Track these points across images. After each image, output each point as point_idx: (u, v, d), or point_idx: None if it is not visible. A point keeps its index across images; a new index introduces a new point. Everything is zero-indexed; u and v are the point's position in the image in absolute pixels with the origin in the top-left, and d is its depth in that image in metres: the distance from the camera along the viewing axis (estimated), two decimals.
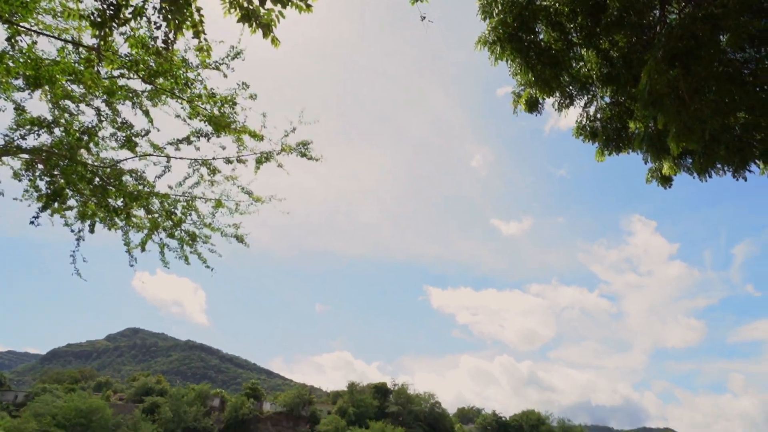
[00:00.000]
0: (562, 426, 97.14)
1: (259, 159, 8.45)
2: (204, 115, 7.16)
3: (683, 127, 5.99)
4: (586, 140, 8.32)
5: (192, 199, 8.69)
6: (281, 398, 77.30)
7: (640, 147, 7.33)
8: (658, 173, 9.10)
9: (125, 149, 7.61)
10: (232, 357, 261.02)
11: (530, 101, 7.55)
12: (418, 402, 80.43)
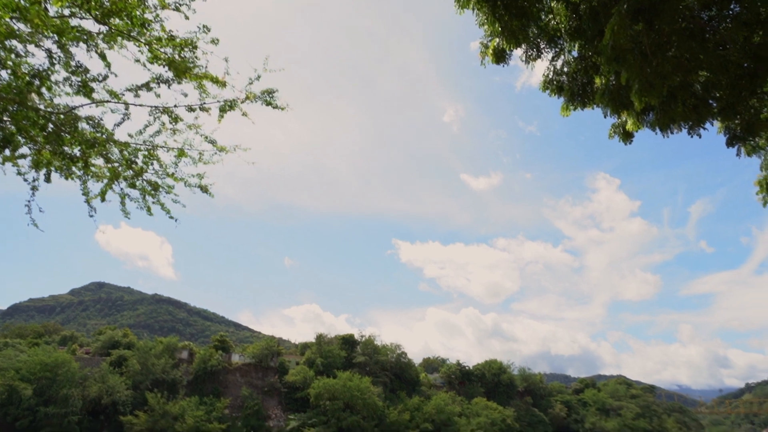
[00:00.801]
0: (522, 374, 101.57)
1: (222, 107, 8.23)
2: (163, 59, 6.88)
3: (645, 83, 6.09)
4: (553, 94, 8.38)
5: (153, 148, 8.44)
6: (250, 350, 78.19)
7: (602, 101, 7.43)
8: (621, 129, 9.28)
9: (81, 95, 7.28)
10: (200, 310, 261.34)
11: (497, 52, 7.51)
12: (385, 353, 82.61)
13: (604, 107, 7.63)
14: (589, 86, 8.27)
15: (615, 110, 7.66)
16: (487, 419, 79.18)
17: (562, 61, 8.59)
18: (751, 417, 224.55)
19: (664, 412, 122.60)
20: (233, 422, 66.57)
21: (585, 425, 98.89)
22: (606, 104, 7.49)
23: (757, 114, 9.03)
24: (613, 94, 7.06)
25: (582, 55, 8.47)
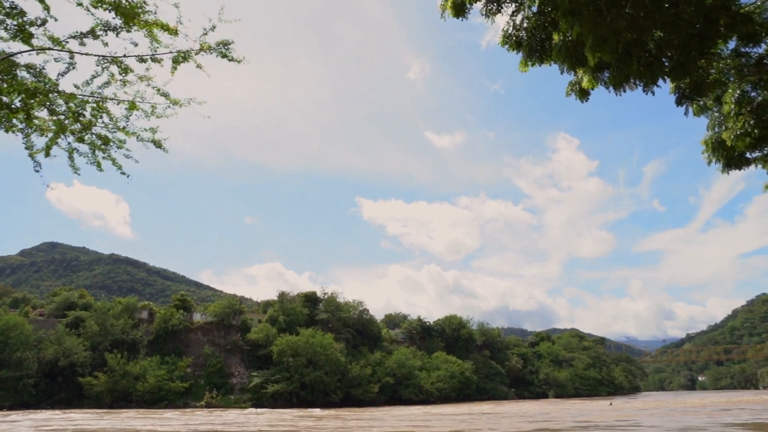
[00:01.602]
0: (481, 329, 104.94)
1: (175, 58, 7.90)
2: (108, 2, 6.51)
3: (599, 39, 6.17)
4: (512, 49, 8.39)
5: (102, 101, 8.08)
6: (211, 309, 77.89)
7: (559, 58, 7.50)
8: (577, 86, 9.40)
9: (18, 41, 6.85)
10: (159, 270, 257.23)
11: (456, 4, 7.42)
12: (347, 309, 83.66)
13: (561, 63, 7.70)
14: (548, 42, 8.31)
15: (571, 66, 7.75)
16: (447, 372, 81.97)
17: (522, 16, 8.56)
18: (690, 364, 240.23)
19: (612, 362, 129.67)
20: (196, 381, 66.85)
21: (539, 376, 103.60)
22: (562, 60, 7.55)
23: (706, 75, 9.31)
24: (569, 50, 7.13)
25: (541, 11, 8.46)
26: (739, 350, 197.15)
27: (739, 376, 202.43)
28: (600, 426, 21.31)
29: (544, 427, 20.78)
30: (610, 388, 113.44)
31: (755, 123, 9.65)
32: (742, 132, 9.74)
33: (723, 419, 24.12)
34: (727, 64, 9.84)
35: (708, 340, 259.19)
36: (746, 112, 9.83)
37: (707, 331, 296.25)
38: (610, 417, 27.65)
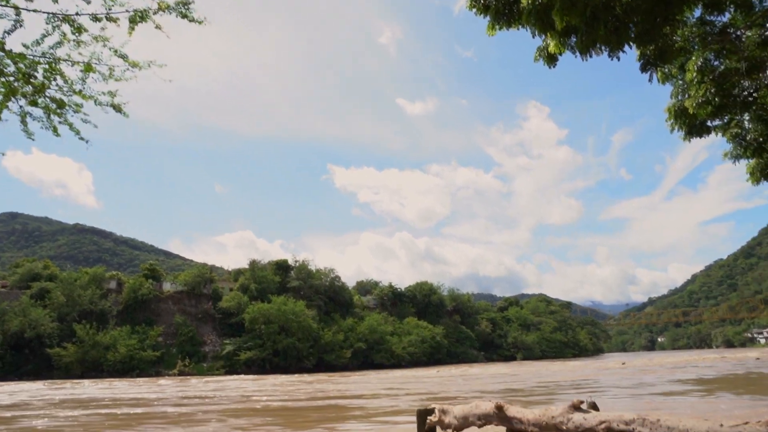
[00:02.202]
0: (451, 294, 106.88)
1: (132, 18, 7.53)
2: None
3: (567, 1, 6.13)
4: (479, 13, 8.27)
5: (55, 62, 7.69)
6: (182, 278, 77.16)
7: (528, 21, 7.44)
8: (545, 51, 9.38)
9: None
10: (127, 239, 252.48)
11: None
12: (319, 277, 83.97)
13: (531, 27, 7.64)
14: (516, 5, 8.21)
15: (540, 30, 7.70)
16: (418, 337, 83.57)
17: None
18: (651, 326, 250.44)
19: (578, 326, 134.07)
20: (168, 349, 66.69)
21: (508, 339, 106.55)
22: (531, 24, 7.49)
23: (671, 42, 9.38)
24: (539, 14, 7.07)
25: None
26: (696, 313, 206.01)
27: (695, 336, 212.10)
28: (562, 385, 22.14)
29: (509, 387, 21.51)
30: (575, 350, 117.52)
31: (716, 91, 9.81)
32: (703, 100, 9.90)
33: (675, 376, 25.36)
34: (692, 32, 9.92)
35: (668, 303, 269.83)
36: (708, 80, 9.97)
37: (668, 295, 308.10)
38: (572, 377, 28.75)
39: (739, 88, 10.39)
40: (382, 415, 13.18)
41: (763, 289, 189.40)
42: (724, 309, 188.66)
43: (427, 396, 18.82)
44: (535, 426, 6.30)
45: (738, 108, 10.31)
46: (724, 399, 14.27)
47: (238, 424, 12.32)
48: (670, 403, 13.98)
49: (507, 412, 6.78)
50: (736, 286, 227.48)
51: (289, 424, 11.98)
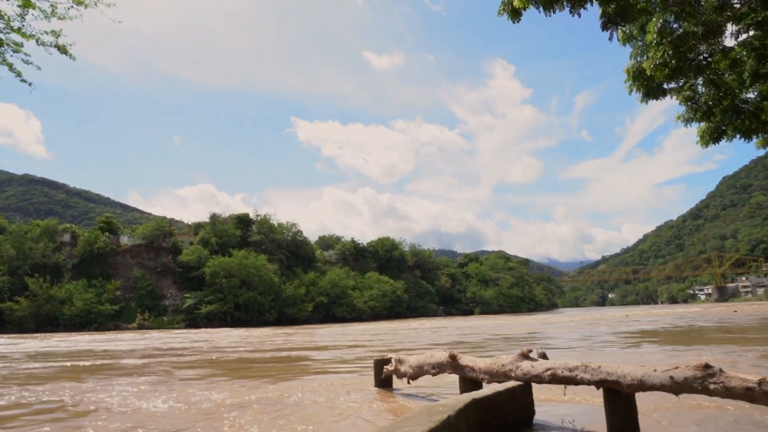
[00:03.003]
0: (413, 250, 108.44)
1: None
2: None
3: None
4: None
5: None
6: (139, 231, 75.56)
7: None
8: (509, 6, 9.31)
9: None
10: (80, 191, 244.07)
11: None
12: (281, 231, 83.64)
13: None
14: None
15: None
16: (379, 291, 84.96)
17: None
18: (603, 283, 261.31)
19: (534, 282, 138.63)
20: (126, 303, 65.88)
21: (467, 294, 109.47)
22: None
23: (633, 1, 9.44)
24: None
25: None
26: (645, 270, 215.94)
27: (642, 293, 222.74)
28: (515, 337, 23.07)
29: (465, 340, 22.29)
30: (531, 305, 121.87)
31: (673, 54, 9.98)
32: (660, 62, 10.07)
33: (618, 329, 26.80)
34: None
35: (620, 261, 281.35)
36: (666, 42, 10.12)
37: (620, 254, 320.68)
38: (526, 330, 29.95)
39: (696, 52, 10.60)
40: (340, 365, 13.51)
41: (707, 249, 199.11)
42: (671, 267, 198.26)
43: (386, 348, 19.34)
44: (486, 374, 6.60)
45: (692, 72, 10.55)
46: (653, 349, 15.22)
47: (184, 375, 12.43)
48: (606, 352, 14.82)
49: (460, 361, 7.06)
50: (683, 246, 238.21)
51: (238, 374, 12.14)
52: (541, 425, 5.88)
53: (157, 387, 10.23)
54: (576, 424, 5.80)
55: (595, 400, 6.57)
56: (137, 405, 8.03)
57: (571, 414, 6.35)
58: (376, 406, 7.48)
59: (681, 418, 6.06)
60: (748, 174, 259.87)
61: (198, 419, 6.82)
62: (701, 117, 10.64)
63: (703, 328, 26.52)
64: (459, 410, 4.72)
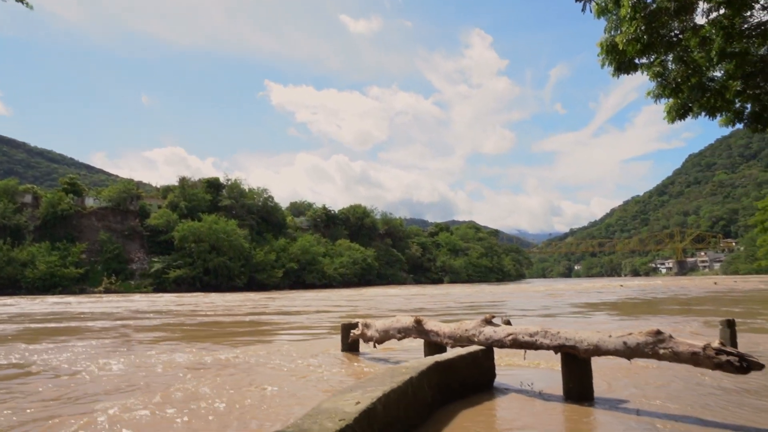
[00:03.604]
0: (384, 218, 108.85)
1: None
2: None
3: None
4: None
5: None
6: (105, 193, 73.69)
7: None
8: None
9: None
10: (42, 151, 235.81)
11: None
12: (252, 196, 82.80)
13: None
14: None
15: None
16: (350, 259, 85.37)
17: None
18: (569, 255, 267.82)
19: (503, 252, 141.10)
20: (92, 267, 64.71)
21: (437, 263, 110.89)
22: None
23: None
24: None
25: None
26: (610, 244, 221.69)
27: (607, 265, 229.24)
28: (482, 305, 23.59)
29: (432, 306, 22.70)
30: (499, 275, 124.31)
31: (646, 29, 10.06)
32: (633, 37, 10.14)
33: (578, 300, 27.69)
34: None
35: (587, 234, 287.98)
36: (640, 17, 10.18)
37: (587, 227, 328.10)
38: (492, 299, 30.66)
39: (668, 28, 10.70)
40: (308, 330, 13.64)
41: (671, 225, 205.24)
42: (635, 241, 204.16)
43: (354, 314, 19.57)
44: (450, 338, 6.76)
45: (663, 48, 10.66)
46: (610, 318, 15.82)
47: (145, 337, 12.40)
48: (563, 320, 15.36)
49: (425, 326, 7.21)
50: (648, 221, 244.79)
51: (201, 338, 12.16)
52: (501, 388, 6.09)
53: (115, 349, 10.17)
54: (534, 387, 6.02)
55: (555, 365, 6.82)
56: (87, 367, 7.99)
57: (531, 378, 6.59)
58: (341, 369, 7.62)
59: (633, 381, 6.35)
60: (713, 153, 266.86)
61: (148, 381, 6.83)
62: (669, 93, 10.81)
63: (667, 299, 27.59)
64: (421, 372, 4.84)
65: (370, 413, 3.52)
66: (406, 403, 4.29)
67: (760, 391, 5.86)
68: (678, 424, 4.57)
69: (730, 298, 27.19)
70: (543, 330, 5.71)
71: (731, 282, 57.98)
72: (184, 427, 4.68)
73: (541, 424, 4.64)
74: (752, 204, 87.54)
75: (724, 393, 5.76)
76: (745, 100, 11.80)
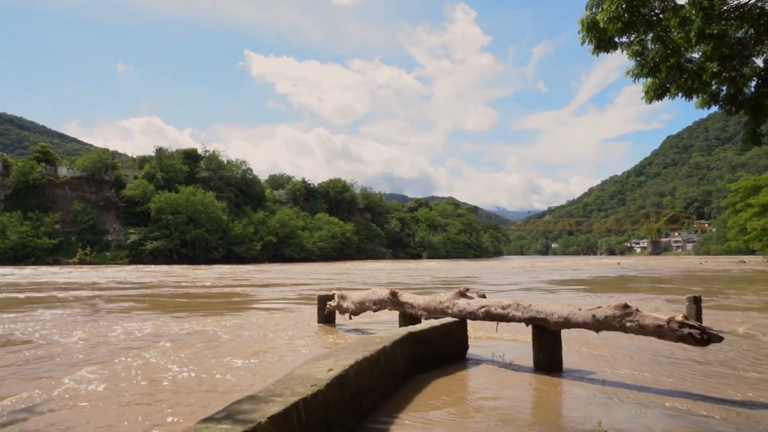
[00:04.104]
0: (364, 193, 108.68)
1: None
2: None
3: None
4: None
5: None
6: (80, 162, 71.91)
7: None
8: None
9: None
10: (12, 117, 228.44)
11: None
12: (230, 168, 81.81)
13: None
14: None
15: None
16: (329, 233, 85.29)
17: None
18: (547, 233, 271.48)
19: (482, 229, 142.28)
20: (66, 237, 63.58)
21: (416, 239, 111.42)
22: None
23: None
24: None
25: None
26: (587, 223, 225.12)
27: (583, 244, 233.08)
28: (455, 280, 23.89)
29: (409, 281, 22.93)
30: (477, 251, 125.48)
31: (626, 7, 10.06)
32: (614, 15, 10.13)
33: (550, 276, 28.21)
34: None
35: (565, 213, 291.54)
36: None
37: (565, 206, 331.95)
38: (469, 274, 31.05)
39: (649, 7, 10.72)
40: (285, 302, 13.68)
41: (647, 205, 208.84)
42: (612, 221, 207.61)
43: (332, 287, 19.66)
44: (424, 310, 6.85)
45: (643, 27, 10.68)
46: (579, 294, 16.20)
47: (115, 308, 12.33)
48: (536, 295, 15.71)
49: (400, 298, 7.29)
50: (625, 201, 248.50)
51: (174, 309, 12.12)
52: (474, 359, 6.22)
53: (81, 319, 10.10)
54: (506, 358, 6.16)
55: (526, 338, 6.97)
56: (46, 336, 7.92)
57: (503, 350, 6.73)
58: (316, 339, 7.68)
59: (601, 353, 6.54)
60: (690, 135, 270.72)
61: (109, 350, 6.80)
62: (647, 73, 10.87)
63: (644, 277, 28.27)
64: (394, 342, 4.91)
65: (341, 380, 3.57)
66: (378, 372, 4.36)
67: (726, 362, 6.09)
68: (641, 393, 4.73)
69: (698, 277, 27.98)
70: (515, 303, 5.82)
71: (700, 262, 59.57)
72: (140, 398, 4.69)
73: (511, 393, 4.76)
74: (726, 186, 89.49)
75: (690, 364, 5.97)
76: (720, 83, 11.94)
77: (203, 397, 4.57)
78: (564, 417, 4.10)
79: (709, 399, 4.54)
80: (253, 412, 2.69)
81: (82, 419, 4.00)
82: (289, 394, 3.03)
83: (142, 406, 4.30)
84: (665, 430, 3.72)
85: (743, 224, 47.88)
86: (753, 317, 10.30)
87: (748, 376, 5.43)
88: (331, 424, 3.26)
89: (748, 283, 22.24)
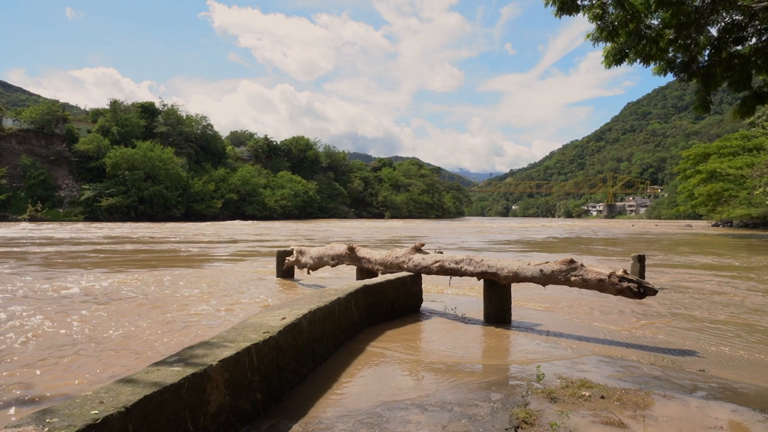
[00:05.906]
0: (327, 152, 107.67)
1: None
2: None
3: None
4: None
5: None
6: (26, 114, 68.32)
7: None
8: None
9: None
10: None
11: None
12: (190, 123, 79.42)
13: None
14: None
15: None
16: (291, 191, 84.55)
17: None
18: (508, 195, 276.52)
19: (444, 190, 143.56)
20: (14, 193, 60.99)
21: (378, 198, 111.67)
22: None
23: None
24: None
25: None
26: (547, 186, 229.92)
27: (543, 206, 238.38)
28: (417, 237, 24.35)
29: (369, 238, 23.18)
30: (439, 212, 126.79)
31: None
32: None
33: (507, 237, 29.03)
34: None
35: (526, 176, 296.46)
36: None
37: (527, 169, 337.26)
38: (428, 233, 31.57)
39: None
40: (243, 257, 13.67)
41: (605, 170, 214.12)
42: (571, 185, 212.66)
43: (292, 243, 19.69)
44: (381, 265, 6.99)
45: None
46: (530, 254, 16.77)
47: (54, 262, 12.12)
48: (488, 252, 16.20)
49: (357, 253, 7.41)
50: (584, 166, 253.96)
51: (127, 264, 11.99)
52: (427, 312, 6.43)
53: (19, 274, 9.90)
54: (458, 311, 6.39)
55: (479, 293, 7.22)
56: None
57: (456, 303, 6.98)
58: (274, 293, 7.77)
59: (549, 306, 6.87)
60: (649, 102, 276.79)
61: (39, 306, 6.76)
62: (607, 37, 11.04)
63: (597, 239, 29.30)
64: (349, 294, 5.04)
65: (294, 328, 3.68)
66: (332, 321, 4.49)
67: (663, 315, 6.49)
68: (580, 342, 5.03)
69: (645, 239, 29.20)
70: (468, 258, 6.01)
71: (651, 226, 61.98)
72: (70, 361, 4.72)
73: (460, 341, 4.99)
74: (678, 153, 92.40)
75: (629, 317, 6.34)
76: (677, 50, 12.24)
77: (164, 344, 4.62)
78: (507, 362, 4.34)
79: (642, 347, 4.87)
80: (205, 356, 2.77)
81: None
82: (241, 340, 3.11)
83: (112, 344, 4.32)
84: (599, 374, 3.99)
85: (691, 190, 49.80)
86: (679, 273, 10.93)
87: (679, 325, 5.81)
88: (283, 369, 3.38)
89: (692, 246, 23.40)
